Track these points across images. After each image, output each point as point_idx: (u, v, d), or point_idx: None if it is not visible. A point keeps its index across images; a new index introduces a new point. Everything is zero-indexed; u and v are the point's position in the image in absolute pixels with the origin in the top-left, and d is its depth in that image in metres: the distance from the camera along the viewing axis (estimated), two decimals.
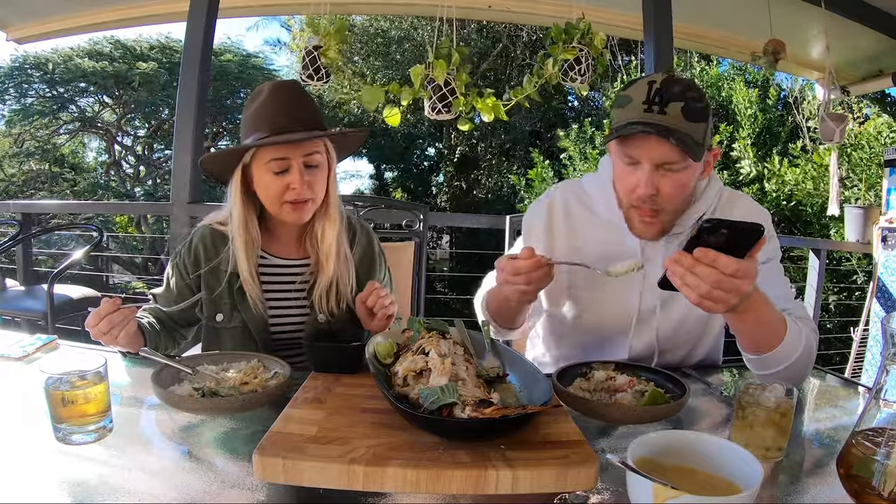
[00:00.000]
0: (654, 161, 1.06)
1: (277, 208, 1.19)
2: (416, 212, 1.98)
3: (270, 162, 1.15)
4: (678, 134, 1.02)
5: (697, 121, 1.04)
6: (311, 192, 1.18)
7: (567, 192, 1.30)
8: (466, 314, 3.70)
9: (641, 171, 1.08)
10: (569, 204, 1.28)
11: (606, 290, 1.22)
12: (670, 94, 1.03)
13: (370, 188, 11.38)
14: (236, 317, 1.23)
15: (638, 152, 1.07)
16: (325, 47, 2.49)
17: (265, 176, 1.17)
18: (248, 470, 0.73)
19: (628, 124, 1.05)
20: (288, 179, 1.15)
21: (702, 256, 0.81)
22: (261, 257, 1.26)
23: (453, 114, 2.46)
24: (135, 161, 9.61)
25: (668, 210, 1.13)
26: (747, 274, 0.82)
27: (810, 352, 1.04)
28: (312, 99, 1.24)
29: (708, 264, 0.80)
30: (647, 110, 1.04)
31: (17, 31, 3.61)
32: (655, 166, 1.07)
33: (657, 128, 1.02)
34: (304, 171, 1.16)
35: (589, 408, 0.90)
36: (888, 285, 3.44)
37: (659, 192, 1.08)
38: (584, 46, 2.39)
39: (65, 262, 2.71)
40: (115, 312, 1.01)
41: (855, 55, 3.75)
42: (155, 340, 1.18)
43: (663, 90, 1.03)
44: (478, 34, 9.23)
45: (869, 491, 0.64)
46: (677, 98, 1.03)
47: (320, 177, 1.20)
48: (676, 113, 1.03)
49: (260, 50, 10.17)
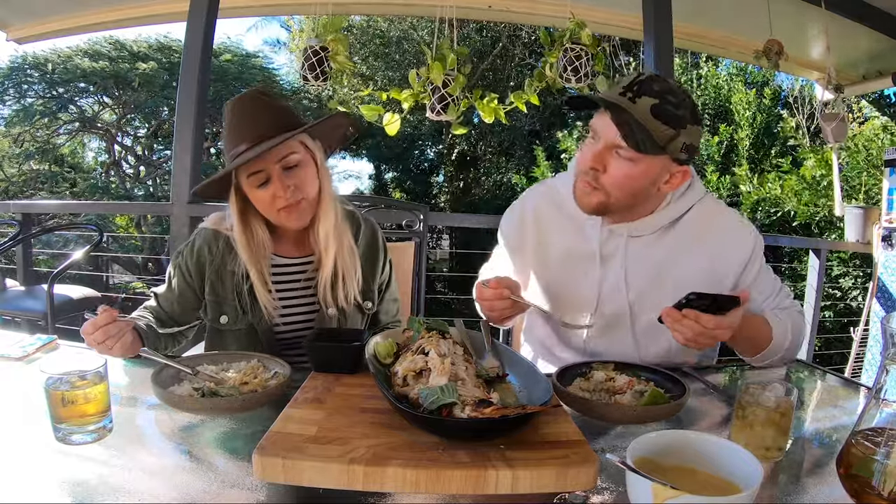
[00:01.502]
0: (608, 139, 1.09)
1: (276, 217, 1.19)
2: (416, 212, 1.98)
3: (250, 177, 1.15)
4: (631, 121, 1.05)
5: (665, 123, 1.06)
6: (300, 193, 1.17)
7: (537, 196, 1.34)
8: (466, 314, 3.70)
9: (596, 145, 1.12)
10: (538, 207, 1.32)
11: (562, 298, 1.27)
12: (648, 88, 1.07)
13: (370, 188, 11.39)
14: (242, 319, 1.23)
15: (597, 125, 1.12)
16: (334, 52, 2.50)
17: (252, 191, 1.17)
18: (248, 470, 0.73)
19: (598, 97, 1.12)
20: (271, 190, 1.15)
21: (688, 314, 0.97)
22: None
23: (452, 115, 2.46)
24: (135, 161, 9.60)
25: (609, 192, 1.13)
26: (726, 327, 0.98)
27: (798, 333, 1.20)
28: (277, 103, 1.21)
29: (693, 320, 0.97)
30: (621, 93, 1.08)
31: (17, 31, 3.61)
32: (608, 146, 1.10)
33: (617, 109, 1.06)
34: (283, 177, 1.14)
35: (589, 408, 0.90)
36: (888, 285, 3.45)
37: (605, 171, 1.12)
38: (576, 46, 2.39)
39: (65, 262, 2.71)
40: (111, 324, 1.01)
41: (855, 55, 3.75)
42: (154, 342, 1.17)
43: (644, 83, 1.08)
44: (477, 34, 9.23)
45: (869, 491, 0.64)
46: (652, 94, 1.06)
47: (305, 175, 1.18)
48: (645, 107, 1.06)
49: (259, 50, 10.17)
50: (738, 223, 1.25)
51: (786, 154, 5.05)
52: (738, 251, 1.20)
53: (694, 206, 1.22)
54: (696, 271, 1.20)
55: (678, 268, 1.21)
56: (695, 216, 1.22)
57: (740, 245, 1.21)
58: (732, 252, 1.20)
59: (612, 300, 1.23)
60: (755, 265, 1.21)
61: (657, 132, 1.06)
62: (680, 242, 1.21)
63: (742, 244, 1.21)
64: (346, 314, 1.29)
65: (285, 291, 1.27)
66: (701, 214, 1.22)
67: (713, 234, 1.21)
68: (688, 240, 1.21)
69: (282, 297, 1.27)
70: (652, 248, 1.22)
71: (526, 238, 1.32)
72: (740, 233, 1.22)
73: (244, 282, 1.21)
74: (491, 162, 9.86)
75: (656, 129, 1.06)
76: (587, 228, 1.24)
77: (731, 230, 1.22)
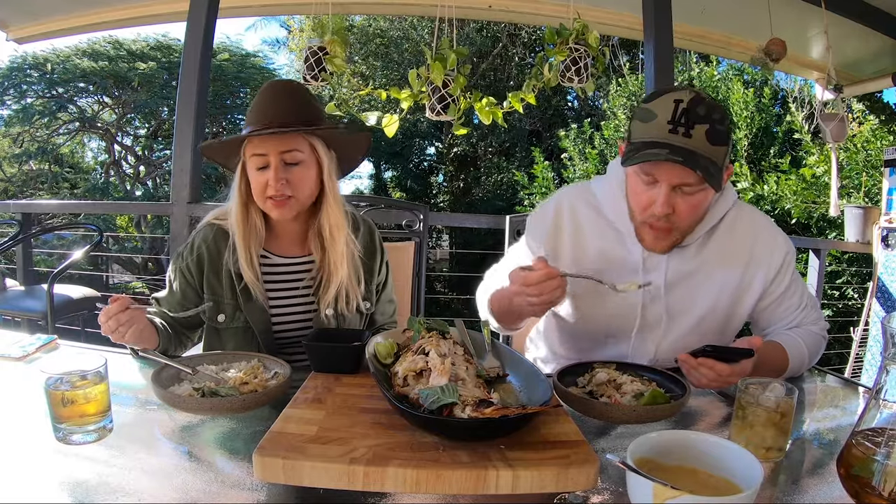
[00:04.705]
0: (673, 182, 1.05)
1: (263, 203, 1.21)
2: (415, 212, 1.98)
3: (253, 157, 1.18)
4: (703, 160, 1.00)
5: (720, 144, 1.02)
6: (289, 190, 1.18)
7: (575, 197, 1.27)
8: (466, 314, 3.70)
9: (658, 191, 1.06)
10: (577, 209, 1.25)
11: (608, 301, 1.21)
12: (696, 115, 1.01)
13: (369, 188, 11.38)
14: (239, 317, 1.23)
15: (658, 173, 1.05)
16: (332, 53, 2.50)
17: (252, 172, 1.20)
18: (248, 470, 0.74)
19: (653, 144, 1.03)
20: (266, 176, 1.17)
21: (704, 362, 0.97)
22: (263, 256, 1.26)
23: (452, 115, 2.46)
24: (135, 161, 9.59)
25: (681, 228, 1.12)
26: (738, 374, 0.97)
27: (816, 353, 1.20)
28: (309, 98, 1.24)
29: (708, 368, 0.97)
30: (671, 131, 1.01)
31: (17, 31, 3.61)
32: (673, 187, 1.05)
33: (683, 153, 1.00)
34: (280, 168, 1.17)
35: (589, 408, 0.90)
36: (888, 285, 3.45)
37: (675, 212, 1.07)
38: (580, 46, 2.39)
39: (65, 262, 2.71)
40: (123, 312, 1.02)
41: (855, 55, 3.75)
42: (166, 342, 1.19)
43: (690, 110, 1.01)
44: (477, 34, 9.23)
45: (869, 491, 0.64)
46: (703, 120, 1.00)
47: (302, 175, 1.20)
48: (701, 136, 1.00)
49: (259, 49, 10.18)
50: (771, 234, 1.21)
51: (784, 153, 5.05)
52: (768, 264, 1.19)
53: (728, 213, 1.19)
54: (728, 282, 1.18)
55: (711, 279, 1.19)
56: (729, 224, 1.20)
57: (771, 257, 1.19)
58: (763, 263, 1.19)
59: (651, 308, 1.21)
60: (785, 278, 1.20)
61: (717, 157, 1.02)
62: (715, 252, 1.19)
63: (772, 256, 1.19)
64: (344, 315, 1.29)
65: (282, 290, 1.27)
66: (735, 222, 1.20)
67: (745, 244, 1.19)
68: (722, 249, 1.19)
69: (279, 297, 1.27)
70: (692, 258, 1.19)
71: (561, 238, 1.25)
72: (772, 244, 1.20)
73: (238, 281, 1.22)
74: (491, 162, 9.86)
75: (716, 154, 1.02)
76: (628, 242, 1.20)
77: (763, 241, 1.20)
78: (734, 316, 1.23)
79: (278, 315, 1.27)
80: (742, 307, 1.22)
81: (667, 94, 1.05)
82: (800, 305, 1.22)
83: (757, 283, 1.20)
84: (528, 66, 9.11)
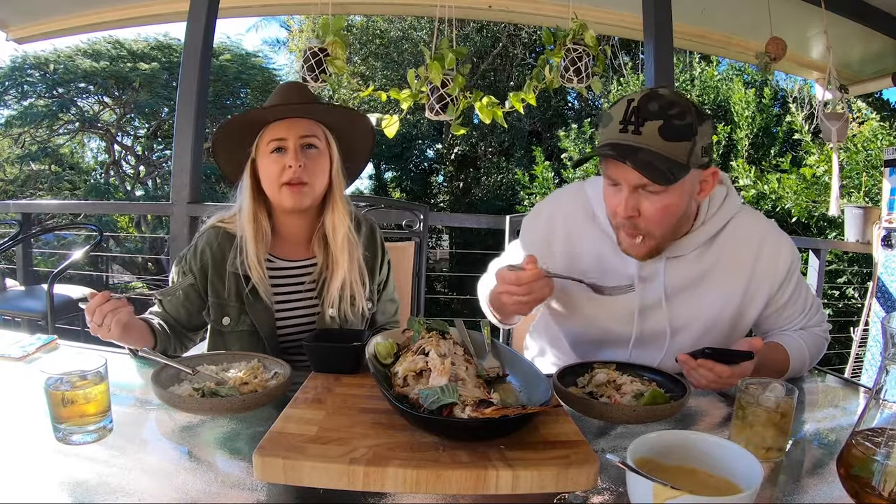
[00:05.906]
0: (631, 183, 1.03)
1: (277, 192, 1.20)
2: (415, 212, 1.98)
3: (270, 142, 1.19)
4: (647, 156, 0.99)
5: (678, 139, 1.00)
6: (307, 176, 1.19)
7: (571, 201, 1.26)
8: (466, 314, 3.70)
9: (621, 193, 1.06)
10: (571, 213, 1.25)
11: (600, 309, 1.21)
12: (647, 112, 1.00)
13: (369, 188, 11.37)
14: (244, 320, 1.23)
15: (615, 174, 1.05)
16: (333, 55, 2.50)
17: (265, 159, 1.20)
18: (248, 470, 0.74)
19: (604, 146, 1.04)
20: (285, 159, 1.18)
21: (703, 363, 0.98)
22: (268, 260, 1.26)
23: (451, 115, 2.46)
24: (135, 161, 9.60)
25: (653, 234, 1.08)
26: (738, 375, 0.97)
27: (817, 353, 1.22)
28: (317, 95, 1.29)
29: (708, 369, 0.98)
30: (622, 130, 1.01)
31: (17, 31, 3.61)
32: (634, 188, 1.04)
33: (626, 150, 0.99)
34: (300, 152, 1.19)
35: (589, 408, 0.90)
36: (888, 285, 3.45)
37: (641, 214, 1.06)
38: (578, 47, 2.39)
39: (65, 262, 2.71)
40: (106, 303, 1.02)
41: (855, 55, 3.75)
42: (164, 343, 1.19)
43: (641, 108, 1.01)
44: (477, 34, 9.23)
45: (869, 491, 0.64)
46: (655, 117, 1.00)
47: (318, 163, 1.22)
48: (653, 132, 0.99)
49: (259, 50, 10.19)
50: (776, 243, 1.19)
51: (785, 153, 5.05)
52: (773, 274, 1.17)
53: (731, 221, 1.17)
54: (732, 293, 1.17)
55: (714, 287, 1.17)
56: (732, 231, 1.17)
57: (776, 267, 1.17)
58: (769, 274, 1.17)
59: (651, 319, 1.19)
60: (790, 286, 1.18)
61: (675, 153, 1.00)
62: (718, 260, 1.17)
63: (777, 266, 1.17)
64: (347, 317, 1.29)
65: (286, 294, 1.28)
66: (738, 229, 1.18)
67: (749, 254, 1.17)
68: (725, 257, 1.17)
69: (283, 300, 1.27)
70: (692, 266, 1.17)
71: (553, 247, 1.24)
72: (776, 254, 1.17)
73: (245, 283, 1.22)
74: (491, 162, 9.85)
75: (673, 150, 1.00)
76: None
77: (768, 249, 1.17)
78: (738, 327, 1.21)
79: (282, 318, 1.27)
80: (746, 319, 1.20)
81: (624, 97, 1.05)
82: (804, 310, 1.22)
83: (761, 294, 1.18)
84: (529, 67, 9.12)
